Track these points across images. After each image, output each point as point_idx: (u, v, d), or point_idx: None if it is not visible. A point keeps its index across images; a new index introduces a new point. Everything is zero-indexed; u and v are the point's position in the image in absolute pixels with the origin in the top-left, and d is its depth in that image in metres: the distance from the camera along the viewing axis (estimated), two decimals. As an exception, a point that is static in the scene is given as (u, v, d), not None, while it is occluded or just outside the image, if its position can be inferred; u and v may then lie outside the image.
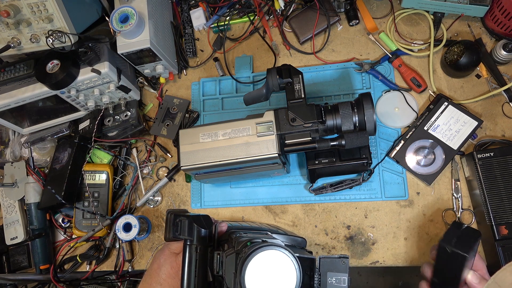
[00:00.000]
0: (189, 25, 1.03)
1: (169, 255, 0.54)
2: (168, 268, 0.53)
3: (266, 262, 0.42)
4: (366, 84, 0.90)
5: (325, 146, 0.72)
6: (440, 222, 0.82)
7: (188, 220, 0.48)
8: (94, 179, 0.94)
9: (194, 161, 0.73)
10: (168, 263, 0.53)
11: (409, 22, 0.92)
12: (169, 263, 0.53)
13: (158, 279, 0.53)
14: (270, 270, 0.42)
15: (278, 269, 0.42)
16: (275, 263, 0.42)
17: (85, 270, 0.95)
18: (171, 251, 0.55)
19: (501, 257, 0.72)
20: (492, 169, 0.76)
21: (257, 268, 0.42)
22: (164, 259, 0.54)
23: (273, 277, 0.42)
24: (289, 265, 0.42)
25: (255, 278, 0.42)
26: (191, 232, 0.47)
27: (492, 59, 0.86)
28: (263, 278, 0.42)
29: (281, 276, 0.42)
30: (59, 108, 0.94)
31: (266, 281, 0.42)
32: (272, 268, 0.42)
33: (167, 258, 0.54)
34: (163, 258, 0.54)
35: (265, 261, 0.42)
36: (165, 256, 0.54)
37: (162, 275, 0.53)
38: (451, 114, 0.83)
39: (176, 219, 0.48)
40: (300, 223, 0.88)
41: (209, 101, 0.98)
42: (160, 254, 0.55)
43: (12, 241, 0.94)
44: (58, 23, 0.80)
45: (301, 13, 0.95)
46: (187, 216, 0.48)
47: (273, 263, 0.42)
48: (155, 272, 0.53)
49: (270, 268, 0.42)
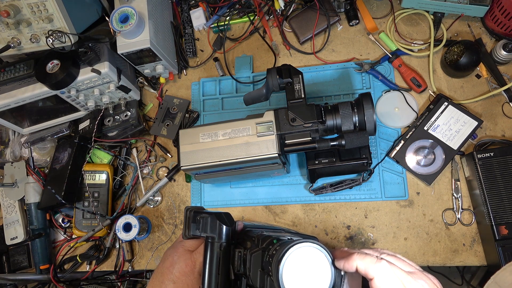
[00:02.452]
0: (189, 25, 1.03)
1: (183, 252, 0.53)
2: (182, 266, 0.51)
3: (301, 258, 0.41)
4: (366, 84, 0.90)
5: (325, 146, 0.72)
6: (440, 222, 0.82)
7: (211, 217, 0.47)
8: (94, 179, 0.94)
9: (194, 161, 0.73)
10: (183, 260, 0.52)
11: (409, 22, 0.92)
12: (184, 260, 0.52)
13: (171, 277, 0.51)
14: (305, 266, 0.41)
15: (313, 265, 0.42)
16: (309, 259, 0.42)
17: (85, 270, 0.95)
18: (185, 249, 0.53)
19: (501, 257, 0.72)
20: (492, 169, 0.76)
21: (292, 265, 0.41)
22: (178, 256, 0.52)
23: (309, 273, 0.41)
24: (323, 261, 0.42)
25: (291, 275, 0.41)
26: (214, 229, 0.46)
27: (492, 59, 0.86)
28: (299, 275, 0.41)
29: (316, 272, 0.41)
30: (59, 108, 0.94)
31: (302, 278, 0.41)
32: (307, 265, 0.41)
33: (181, 255, 0.52)
34: (176, 255, 0.52)
35: (300, 257, 0.41)
36: (179, 253, 0.53)
37: (176, 273, 0.51)
38: (451, 114, 0.83)
39: (196, 216, 0.47)
40: (300, 223, 0.88)
41: (209, 101, 0.98)
42: (173, 252, 0.53)
43: (12, 241, 0.94)
44: (58, 23, 0.80)
45: (301, 13, 0.95)
46: (209, 213, 0.47)
47: (308, 259, 0.42)
48: (168, 270, 0.52)
49: (305, 265, 0.41)
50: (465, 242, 0.81)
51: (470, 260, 0.80)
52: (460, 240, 0.81)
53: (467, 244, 0.80)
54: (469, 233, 0.81)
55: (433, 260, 0.81)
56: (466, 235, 0.81)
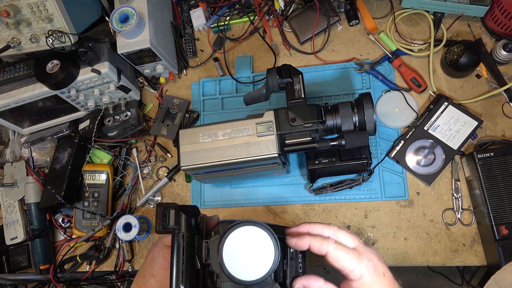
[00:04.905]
0: (189, 25, 1.03)
1: (162, 247, 0.55)
2: (161, 260, 0.54)
3: (244, 238, 0.43)
4: (366, 84, 0.90)
5: (325, 146, 0.72)
6: (440, 222, 0.82)
7: (175, 210, 0.49)
8: (94, 179, 0.94)
9: (194, 161, 0.73)
10: (161, 255, 0.54)
11: (409, 22, 0.92)
12: (162, 255, 0.54)
13: (151, 272, 0.53)
14: (248, 246, 0.43)
15: (256, 244, 0.43)
16: (252, 239, 0.43)
17: (85, 270, 0.95)
18: (164, 244, 0.55)
19: (501, 257, 0.72)
20: (492, 169, 0.76)
21: (234, 244, 0.43)
22: (157, 251, 0.55)
23: (251, 252, 0.43)
24: (266, 240, 0.43)
25: (233, 254, 0.43)
26: (178, 221, 0.48)
27: (492, 59, 0.86)
28: (241, 254, 0.43)
29: (259, 251, 0.43)
30: (59, 108, 0.94)
31: (244, 257, 0.43)
32: (250, 244, 0.43)
33: (160, 250, 0.55)
34: (156, 251, 0.55)
35: (242, 237, 0.43)
36: (158, 248, 0.55)
37: (156, 267, 0.53)
38: (451, 114, 0.83)
39: (164, 210, 0.49)
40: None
41: (209, 101, 0.98)
42: (154, 248, 0.56)
43: (12, 241, 0.94)
44: (58, 23, 0.80)
45: (301, 13, 0.95)
46: (174, 206, 0.49)
47: (251, 239, 0.43)
48: (149, 265, 0.54)
49: (248, 244, 0.43)
50: (465, 242, 0.81)
51: (470, 260, 0.80)
52: (460, 240, 0.81)
53: (467, 244, 0.80)
54: (469, 233, 0.81)
55: (433, 260, 0.81)
56: (466, 235, 0.81)
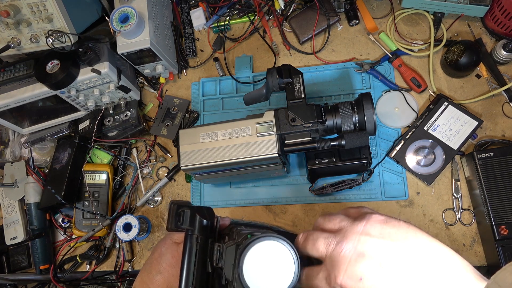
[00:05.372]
0: (189, 25, 1.03)
1: (170, 244, 0.54)
2: (169, 257, 0.53)
3: (264, 252, 0.42)
4: (366, 84, 0.90)
5: (325, 146, 0.72)
6: (440, 222, 0.82)
7: (191, 211, 0.48)
8: (94, 179, 0.94)
9: (194, 161, 0.73)
10: (169, 252, 0.53)
11: (409, 22, 0.92)
12: (170, 252, 0.53)
13: (158, 268, 0.53)
14: (268, 260, 0.42)
15: (276, 260, 0.42)
16: (273, 254, 0.42)
17: (85, 270, 0.95)
18: (172, 241, 0.55)
19: (501, 257, 0.72)
20: (492, 169, 0.76)
21: (255, 258, 0.42)
22: (166, 248, 0.54)
23: (271, 267, 0.42)
24: (287, 256, 0.42)
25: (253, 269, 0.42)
26: (193, 222, 0.48)
27: (492, 59, 0.86)
28: (261, 268, 0.42)
29: (279, 267, 0.42)
30: (59, 108, 0.94)
31: (264, 272, 0.42)
32: (270, 259, 0.42)
33: (168, 247, 0.54)
34: (164, 247, 0.54)
35: (263, 251, 0.42)
36: (167, 245, 0.54)
37: (163, 264, 0.53)
38: (451, 114, 0.83)
39: (178, 209, 0.49)
40: (300, 223, 0.88)
41: (209, 101, 0.98)
42: (162, 244, 0.55)
43: (12, 241, 0.94)
44: (58, 23, 0.80)
45: (301, 13, 0.95)
46: (190, 207, 0.49)
47: (271, 254, 0.42)
48: (156, 261, 0.53)
49: (268, 259, 0.42)
50: (465, 242, 0.80)
51: (470, 260, 0.77)
52: (460, 240, 0.81)
53: (467, 244, 0.80)
54: (469, 233, 0.81)
55: (433, 260, 0.81)
56: (466, 235, 0.81)
